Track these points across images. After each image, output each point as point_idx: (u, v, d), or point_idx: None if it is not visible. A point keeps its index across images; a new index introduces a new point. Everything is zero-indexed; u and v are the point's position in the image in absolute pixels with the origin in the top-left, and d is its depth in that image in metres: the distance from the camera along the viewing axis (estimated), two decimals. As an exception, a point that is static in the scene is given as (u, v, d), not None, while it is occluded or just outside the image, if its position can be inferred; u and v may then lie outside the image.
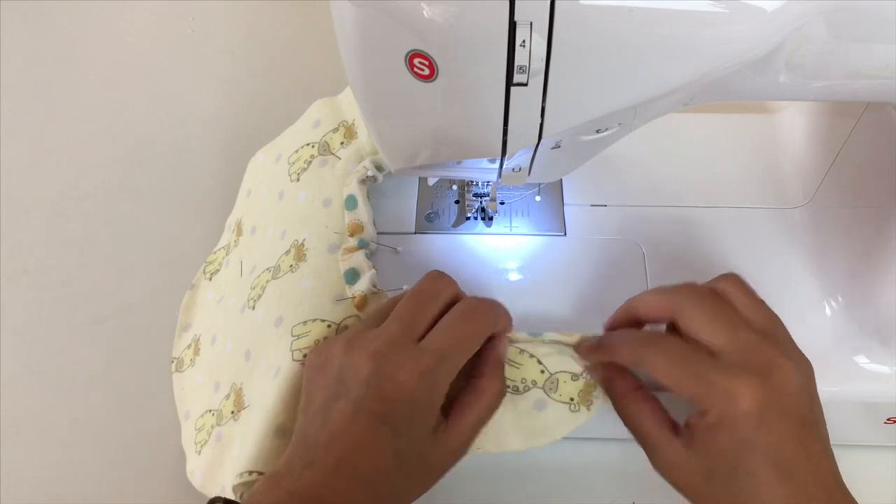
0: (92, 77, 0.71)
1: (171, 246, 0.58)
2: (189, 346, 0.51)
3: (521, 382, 0.39)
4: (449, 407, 0.36)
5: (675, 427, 0.36)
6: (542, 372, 0.39)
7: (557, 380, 0.39)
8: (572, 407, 0.39)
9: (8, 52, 0.73)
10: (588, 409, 0.39)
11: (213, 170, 0.62)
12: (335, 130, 0.49)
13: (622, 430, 0.37)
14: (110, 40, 0.75)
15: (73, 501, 0.47)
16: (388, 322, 0.37)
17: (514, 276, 0.46)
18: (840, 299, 0.44)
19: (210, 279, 0.53)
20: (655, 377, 0.35)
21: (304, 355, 0.40)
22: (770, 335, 0.36)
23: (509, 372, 0.39)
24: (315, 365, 0.37)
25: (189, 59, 0.73)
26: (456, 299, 0.38)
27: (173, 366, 0.51)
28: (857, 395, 0.42)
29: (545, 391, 0.39)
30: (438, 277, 0.39)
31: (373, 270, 0.43)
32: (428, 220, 0.49)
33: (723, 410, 0.33)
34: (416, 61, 0.29)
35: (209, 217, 0.56)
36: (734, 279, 0.38)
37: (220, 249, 0.54)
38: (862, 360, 0.43)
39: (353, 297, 0.42)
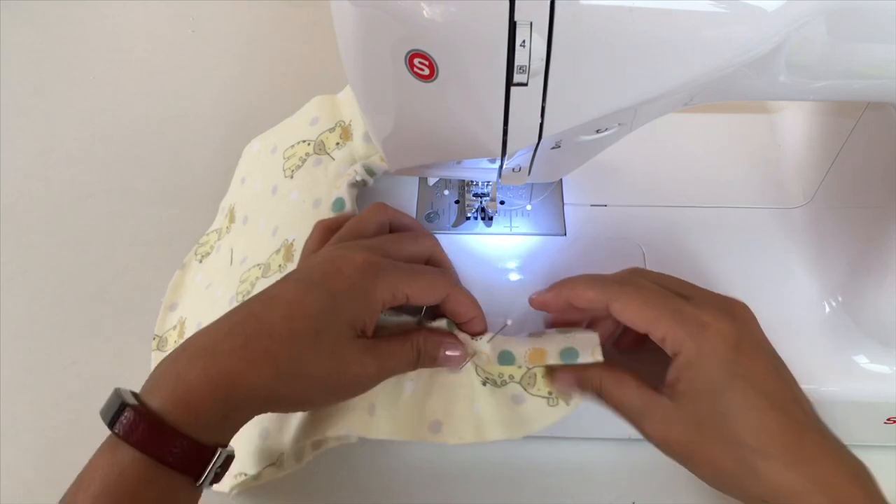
0: (92, 77, 0.71)
1: (171, 246, 0.57)
2: (174, 327, 0.50)
3: (499, 377, 0.40)
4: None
5: (657, 390, 0.36)
6: (520, 367, 0.39)
7: (535, 374, 0.39)
8: (550, 401, 0.39)
9: (8, 53, 0.73)
10: (567, 403, 0.39)
11: (214, 171, 0.62)
12: (332, 130, 0.50)
13: (622, 430, 0.37)
14: (110, 40, 0.75)
15: (73, 501, 0.47)
16: (331, 241, 0.40)
17: (514, 276, 0.46)
18: (840, 299, 0.44)
19: (200, 261, 0.53)
20: (625, 316, 0.35)
21: None
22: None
23: (489, 366, 0.39)
24: None
25: (189, 59, 0.73)
26: (391, 221, 0.41)
27: (154, 343, 0.50)
28: (857, 395, 0.42)
29: (523, 386, 0.39)
30: (378, 206, 0.41)
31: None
32: (428, 220, 0.49)
33: (700, 344, 0.33)
34: (416, 61, 0.29)
35: (209, 218, 0.56)
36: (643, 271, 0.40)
37: (212, 232, 0.54)
38: (862, 360, 0.43)
39: None
